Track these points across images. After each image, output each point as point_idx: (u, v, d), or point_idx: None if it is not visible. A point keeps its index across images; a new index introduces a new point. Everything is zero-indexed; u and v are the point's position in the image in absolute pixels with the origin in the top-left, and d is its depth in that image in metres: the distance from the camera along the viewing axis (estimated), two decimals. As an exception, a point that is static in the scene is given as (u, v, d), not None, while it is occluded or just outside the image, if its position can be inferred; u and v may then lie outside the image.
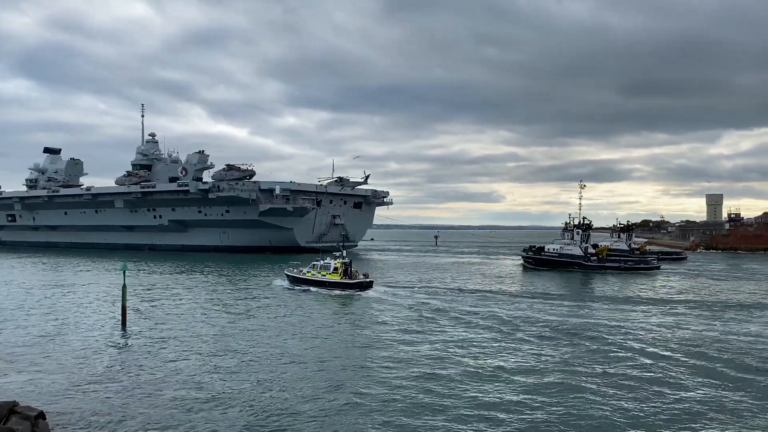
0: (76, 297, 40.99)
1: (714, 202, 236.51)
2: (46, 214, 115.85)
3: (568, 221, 68.61)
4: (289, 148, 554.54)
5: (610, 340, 26.25)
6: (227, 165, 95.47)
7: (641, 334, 27.79)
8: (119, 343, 25.95)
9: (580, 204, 68.78)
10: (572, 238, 67.10)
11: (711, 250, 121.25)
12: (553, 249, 67.67)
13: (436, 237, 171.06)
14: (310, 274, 46.12)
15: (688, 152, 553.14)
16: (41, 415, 14.69)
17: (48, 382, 19.65)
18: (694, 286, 51.48)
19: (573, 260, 65.42)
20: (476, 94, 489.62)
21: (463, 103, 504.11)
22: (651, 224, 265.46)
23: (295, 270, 47.84)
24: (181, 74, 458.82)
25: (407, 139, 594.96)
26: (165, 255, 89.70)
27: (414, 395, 18.14)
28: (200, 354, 23.46)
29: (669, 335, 27.83)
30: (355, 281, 44.06)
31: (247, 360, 22.50)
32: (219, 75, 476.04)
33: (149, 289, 44.82)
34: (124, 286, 30.53)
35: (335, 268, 44.92)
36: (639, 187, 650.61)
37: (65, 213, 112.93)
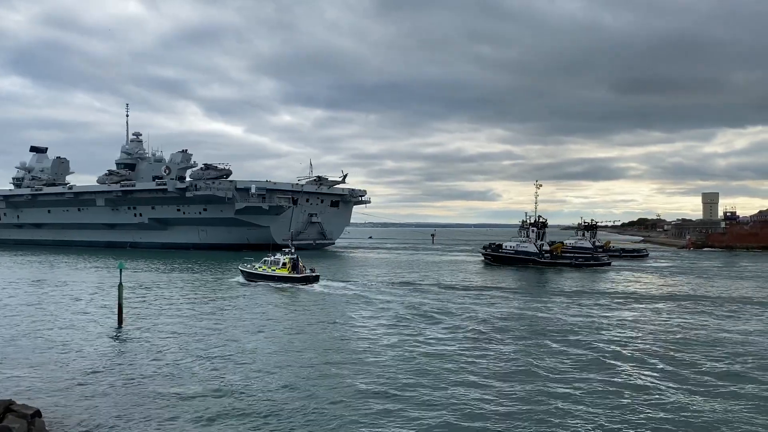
0: (69, 294, 42.59)
1: (710, 200, 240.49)
2: (30, 213, 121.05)
3: (524, 219, 73.40)
4: (285, 146, 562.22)
5: (536, 327, 30.31)
6: (204, 164, 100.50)
7: (561, 322, 32.26)
8: (116, 341, 26.76)
9: (536, 203, 73.64)
10: (528, 236, 71.91)
11: (707, 249, 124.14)
12: (510, 246, 72.51)
13: (432, 235, 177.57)
14: (261, 269, 50.95)
15: (683, 150, 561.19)
16: (37, 414, 14.81)
17: (44, 381, 20.11)
18: (631, 281, 56.15)
19: (528, 257, 70.19)
20: (471, 92, 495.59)
21: (458, 101, 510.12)
22: (647, 223, 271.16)
23: (248, 266, 52.71)
24: (176, 72, 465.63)
25: (403, 137, 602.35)
26: (146, 252, 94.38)
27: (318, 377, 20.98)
28: (195, 351, 24.45)
29: (582, 323, 32.12)
30: (301, 275, 48.82)
31: (234, 355, 23.73)
32: (213, 72, 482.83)
33: (138, 287, 46.29)
34: (121, 284, 30.99)
35: (284, 264, 49.77)
36: (635, 186, 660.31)
37: (48, 211, 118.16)
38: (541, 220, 72.30)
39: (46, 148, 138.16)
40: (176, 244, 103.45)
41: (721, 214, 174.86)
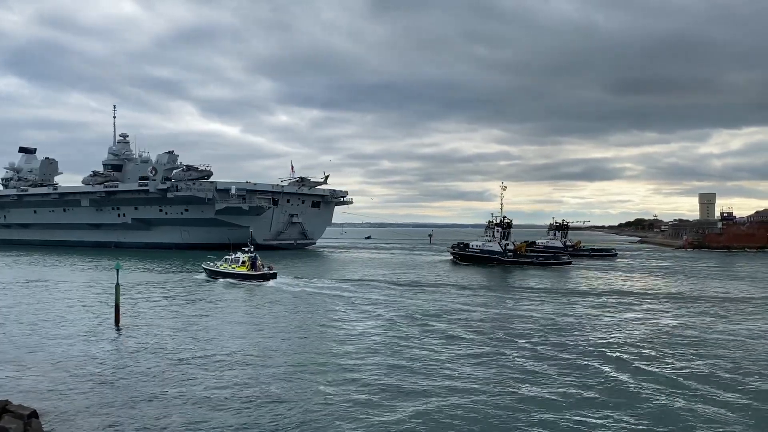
0: (63, 294, 43.67)
1: (707, 200, 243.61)
2: (17, 213, 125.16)
3: (491, 220, 76.93)
4: (281, 146, 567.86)
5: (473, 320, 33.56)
6: (186, 165, 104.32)
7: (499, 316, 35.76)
8: (113, 341, 27.26)
9: (501, 204, 77.07)
10: (493, 236, 75.47)
11: (704, 249, 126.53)
12: (476, 246, 76.16)
13: (430, 236, 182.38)
14: (222, 267, 54.67)
15: (679, 151, 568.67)
16: (34, 414, 14.90)
17: (40, 381, 20.35)
18: (584, 279, 59.58)
19: (492, 256, 73.70)
20: (468, 93, 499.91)
21: (455, 101, 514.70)
22: (644, 223, 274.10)
23: (211, 264, 56.44)
24: (172, 72, 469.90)
25: (401, 137, 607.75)
26: (130, 252, 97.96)
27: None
28: (191, 351, 25.10)
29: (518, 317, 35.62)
30: (258, 273, 52.56)
31: (229, 354, 24.65)
32: (210, 73, 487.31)
33: (129, 287, 46.49)
34: (118, 285, 31.70)
35: (243, 262, 53.54)
36: (631, 186, 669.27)
37: (35, 211, 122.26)
38: (506, 220, 75.81)
39: (35, 149, 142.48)
40: (159, 243, 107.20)
41: (718, 214, 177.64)
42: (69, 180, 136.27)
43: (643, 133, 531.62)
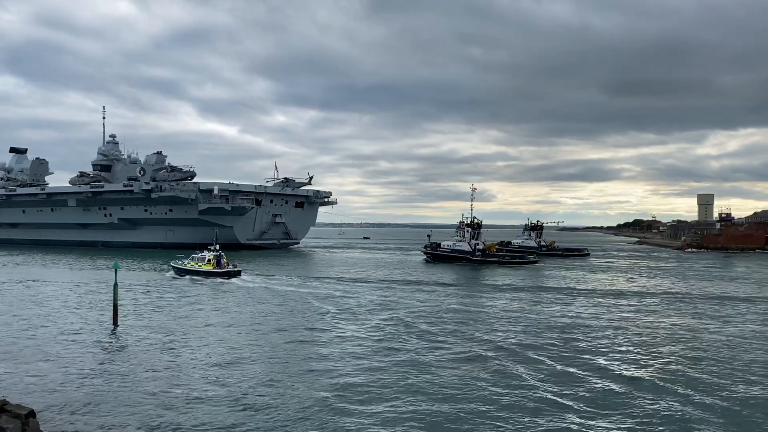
0: (61, 293, 44.44)
1: (705, 201, 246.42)
2: (6, 212, 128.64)
3: (462, 220, 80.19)
4: (279, 147, 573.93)
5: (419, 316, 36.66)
6: (170, 166, 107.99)
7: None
8: (111, 341, 27.62)
9: (471, 206, 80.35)
10: (463, 236, 78.67)
11: (702, 250, 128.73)
12: (447, 245, 79.46)
13: (428, 236, 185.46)
14: (189, 265, 58.02)
15: (676, 152, 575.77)
16: (31, 414, 14.95)
17: (38, 380, 20.50)
18: (543, 278, 62.65)
19: (462, 255, 76.92)
20: (464, 94, 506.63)
21: (451, 102, 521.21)
22: (643, 224, 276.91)
23: (179, 263, 59.78)
24: (169, 72, 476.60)
25: (397, 138, 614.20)
26: (117, 252, 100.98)
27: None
28: (189, 350, 25.64)
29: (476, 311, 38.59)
30: (223, 270, 55.91)
31: (226, 353, 25.21)
32: (206, 73, 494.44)
33: (123, 287, 47.22)
34: (116, 284, 32.10)
35: (209, 260, 56.90)
36: (629, 187, 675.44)
37: (23, 211, 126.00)
38: (476, 221, 79.04)
39: (26, 149, 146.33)
40: (145, 243, 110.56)
41: (716, 215, 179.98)
42: (61, 180, 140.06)
43: (641, 135, 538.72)
